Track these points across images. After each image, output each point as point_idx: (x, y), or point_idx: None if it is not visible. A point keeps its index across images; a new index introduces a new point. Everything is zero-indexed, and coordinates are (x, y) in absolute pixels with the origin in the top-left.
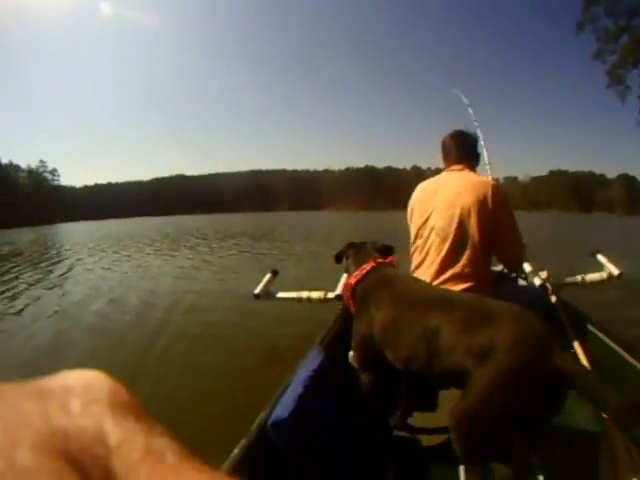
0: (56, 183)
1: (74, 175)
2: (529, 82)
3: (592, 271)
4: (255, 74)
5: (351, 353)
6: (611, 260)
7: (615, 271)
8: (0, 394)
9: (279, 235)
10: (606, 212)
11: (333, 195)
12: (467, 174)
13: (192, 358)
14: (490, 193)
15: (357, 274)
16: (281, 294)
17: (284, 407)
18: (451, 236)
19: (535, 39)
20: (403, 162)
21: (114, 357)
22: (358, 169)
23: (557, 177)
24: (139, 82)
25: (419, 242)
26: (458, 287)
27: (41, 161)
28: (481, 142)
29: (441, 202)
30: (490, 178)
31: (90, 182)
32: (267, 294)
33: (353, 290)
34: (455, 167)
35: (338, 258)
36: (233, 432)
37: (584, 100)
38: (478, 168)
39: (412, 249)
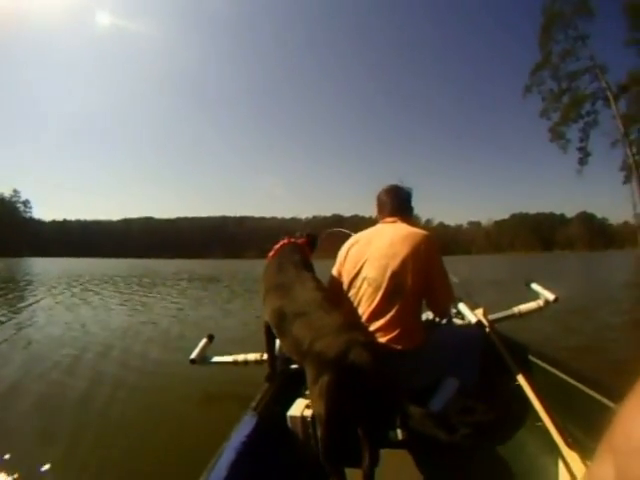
0: (28, 215)
1: (42, 208)
2: (489, 133)
3: (529, 300)
4: (230, 119)
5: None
6: (546, 287)
7: (551, 297)
8: None
9: (237, 282)
10: (567, 250)
11: None
12: (400, 225)
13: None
14: (423, 243)
15: (277, 246)
16: (217, 358)
17: (217, 476)
18: (384, 286)
19: (495, 93)
20: (369, 211)
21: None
22: (325, 217)
23: (519, 220)
24: (110, 117)
25: (352, 292)
26: (388, 336)
27: (14, 190)
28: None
29: (374, 253)
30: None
31: (59, 217)
32: (203, 359)
33: (273, 255)
34: (389, 219)
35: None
36: None
37: (544, 145)
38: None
39: (345, 300)
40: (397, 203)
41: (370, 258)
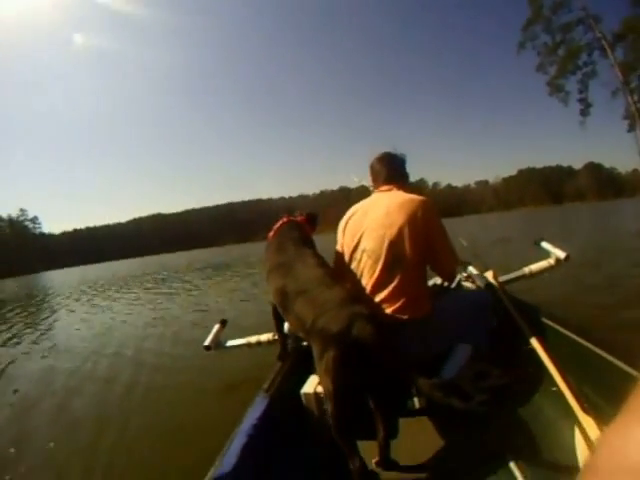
0: (38, 231)
1: (51, 222)
2: (488, 91)
3: (539, 260)
4: (223, 107)
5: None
6: (556, 245)
7: (562, 255)
8: None
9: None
10: (578, 201)
11: None
12: (395, 193)
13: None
14: (420, 209)
15: (276, 226)
16: (231, 342)
17: (227, 462)
18: (383, 257)
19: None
20: None
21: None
22: (332, 191)
23: (526, 175)
24: (102, 122)
25: (353, 265)
26: (393, 306)
27: (21, 209)
28: None
29: (371, 223)
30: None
31: (68, 228)
32: (217, 344)
33: (273, 235)
34: (384, 188)
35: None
36: None
37: (544, 99)
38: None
39: (348, 273)
40: (391, 170)
41: (367, 229)
